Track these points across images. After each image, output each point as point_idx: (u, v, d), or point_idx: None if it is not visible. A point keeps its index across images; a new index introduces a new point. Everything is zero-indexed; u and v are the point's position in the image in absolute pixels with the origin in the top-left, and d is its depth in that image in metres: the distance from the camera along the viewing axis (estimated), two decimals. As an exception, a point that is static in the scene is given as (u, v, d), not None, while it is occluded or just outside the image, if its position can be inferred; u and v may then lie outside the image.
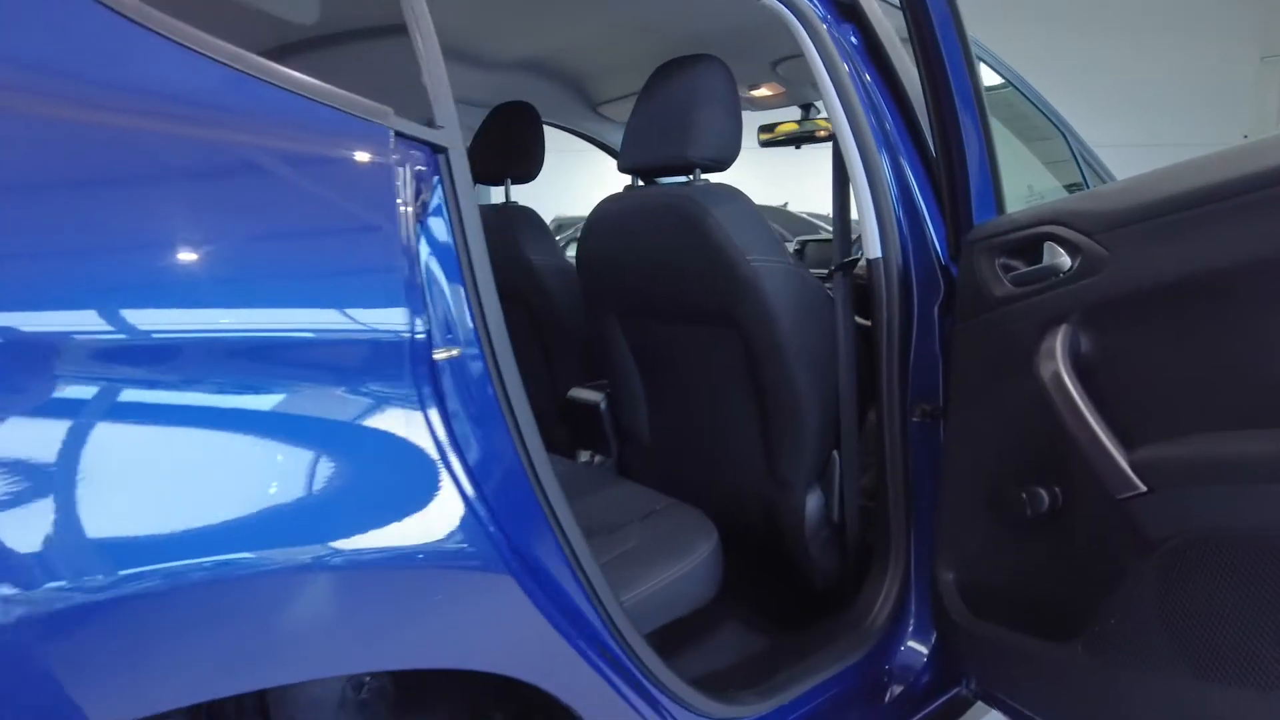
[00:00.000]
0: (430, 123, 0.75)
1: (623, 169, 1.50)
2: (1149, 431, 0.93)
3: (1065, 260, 1.00)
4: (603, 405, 1.85)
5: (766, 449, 1.49)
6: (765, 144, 2.41)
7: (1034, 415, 1.01)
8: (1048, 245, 1.02)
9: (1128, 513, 0.95)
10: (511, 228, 1.98)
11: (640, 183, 1.51)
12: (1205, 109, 10.22)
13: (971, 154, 1.16)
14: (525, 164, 2.03)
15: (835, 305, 1.43)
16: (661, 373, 1.67)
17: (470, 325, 0.76)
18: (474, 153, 2.12)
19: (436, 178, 0.75)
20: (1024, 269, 1.07)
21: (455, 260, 0.75)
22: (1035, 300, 1.03)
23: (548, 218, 2.28)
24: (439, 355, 0.73)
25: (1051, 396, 0.97)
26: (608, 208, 1.54)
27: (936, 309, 1.31)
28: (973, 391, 1.16)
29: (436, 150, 0.75)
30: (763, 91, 2.16)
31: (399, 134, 0.72)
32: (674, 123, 1.39)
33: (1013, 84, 2.16)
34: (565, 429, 1.98)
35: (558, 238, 3.54)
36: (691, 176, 1.41)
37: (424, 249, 0.73)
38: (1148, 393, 0.93)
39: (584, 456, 1.95)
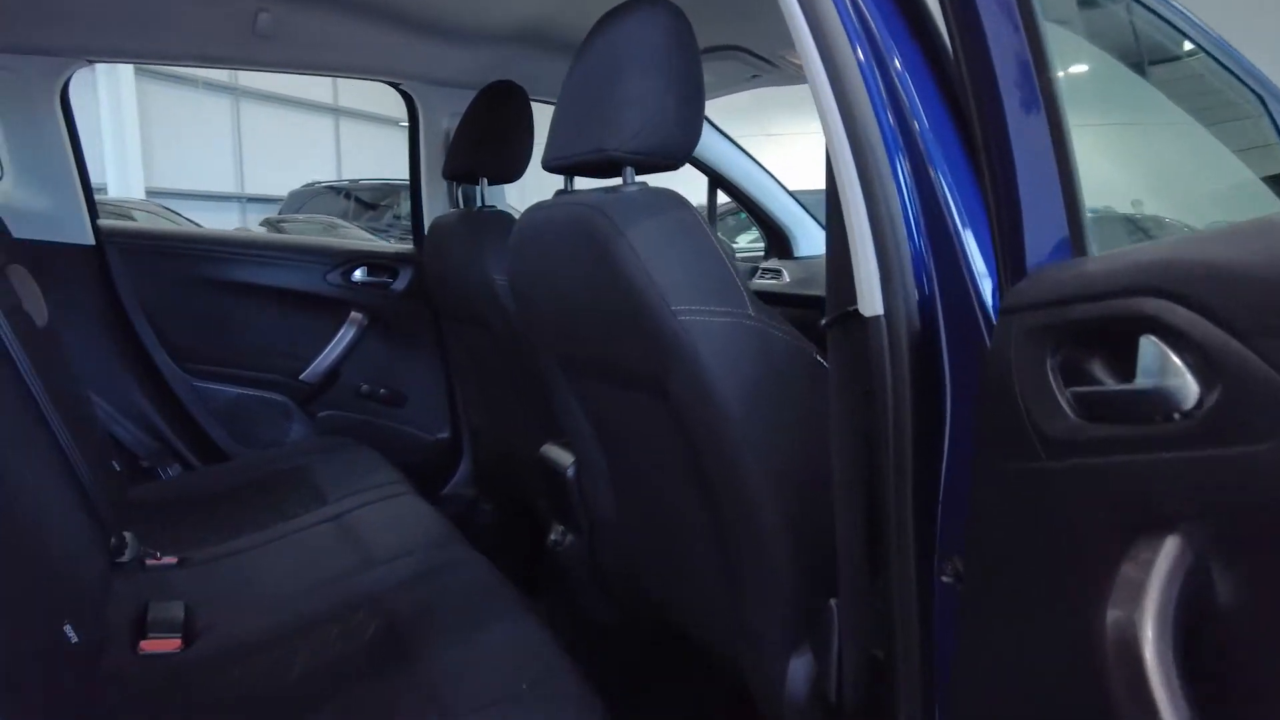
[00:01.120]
0: None
1: (545, 165, 1.07)
2: None
3: (1186, 385, 0.45)
4: (570, 472, 1.43)
5: (728, 582, 1.02)
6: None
7: (1092, 683, 0.48)
8: (1145, 341, 0.48)
9: None
10: (478, 240, 1.58)
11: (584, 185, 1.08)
12: None
13: (1027, 147, 0.63)
14: (503, 159, 1.62)
15: (828, 381, 0.93)
16: (618, 442, 1.23)
17: None
18: (453, 146, 1.74)
19: None
20: (1106, 386, 0.53)
21: None
22: (1117, 463, 0.49)
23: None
24: None
25: (1115, 690, 0.44)
26: (532, 219, 1.12)
27: None
28: (994, 583, 0.63)
29: None
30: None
31: None
32: (593, 102, 0.95)
33: (1200, 46, 1.51)
34: (544, 492, 1.58)
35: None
36: (621, 179, 0.96)
37: None
38: None
39: (555, 533, 1.53)
